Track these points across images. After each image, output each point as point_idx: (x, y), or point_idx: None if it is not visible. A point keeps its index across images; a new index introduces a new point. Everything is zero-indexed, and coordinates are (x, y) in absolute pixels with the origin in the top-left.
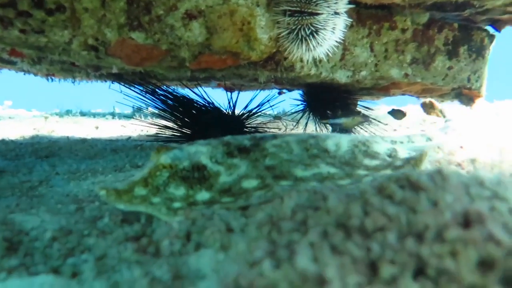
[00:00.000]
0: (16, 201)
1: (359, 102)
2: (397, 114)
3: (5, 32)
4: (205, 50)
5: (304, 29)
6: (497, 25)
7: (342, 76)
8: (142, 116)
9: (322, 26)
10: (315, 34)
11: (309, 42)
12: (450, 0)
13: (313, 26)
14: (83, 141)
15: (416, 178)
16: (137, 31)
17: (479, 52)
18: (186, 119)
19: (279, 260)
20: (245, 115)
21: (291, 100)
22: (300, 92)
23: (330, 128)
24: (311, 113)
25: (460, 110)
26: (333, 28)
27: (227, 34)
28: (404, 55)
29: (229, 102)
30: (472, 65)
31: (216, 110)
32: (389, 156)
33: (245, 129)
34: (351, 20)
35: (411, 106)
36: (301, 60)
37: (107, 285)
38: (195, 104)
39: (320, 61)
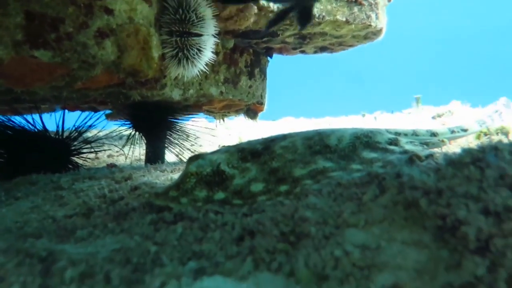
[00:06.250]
0: None
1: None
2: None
3: None
4: (115, 68)
5: (192, 48)
6: (270, 52)
7: (176, 95)
8: None
9: (204, 46)
10: (199, 54)
11: (193, 61)
12: (252, 29)
13: (198, 46)
14: None
15: None
16: (42, 49)
17: (265, 74)
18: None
19: None
20: (72, 136)
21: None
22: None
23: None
24: (137, 131)
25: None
26: (210, 48)
27: (134, 52)
28: (219, 75)
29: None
30: (262, 84)
31: (39, 133)
32: (390, 143)
33: (72, 150)
34: (219, 41)
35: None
36: (173, 79)
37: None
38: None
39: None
